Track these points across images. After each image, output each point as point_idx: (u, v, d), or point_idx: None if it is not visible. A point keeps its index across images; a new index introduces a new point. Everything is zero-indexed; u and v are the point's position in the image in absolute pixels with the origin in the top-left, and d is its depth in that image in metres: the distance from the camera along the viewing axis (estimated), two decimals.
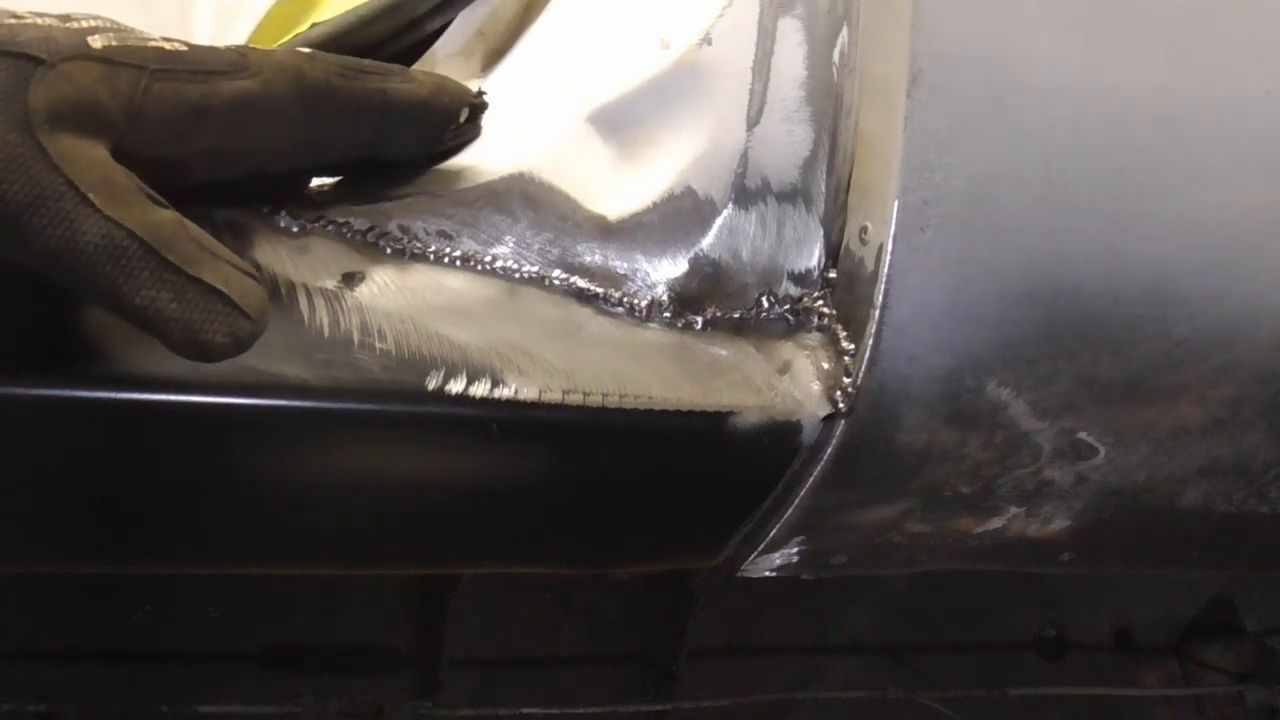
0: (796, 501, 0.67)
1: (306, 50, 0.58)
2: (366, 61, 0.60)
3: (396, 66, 0.62)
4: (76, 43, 0.48)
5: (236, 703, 1.11)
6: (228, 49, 0.54)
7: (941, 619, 1.34)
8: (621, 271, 0.66)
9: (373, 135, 0.61)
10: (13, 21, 0.47)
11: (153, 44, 0.50)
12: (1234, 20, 0.65)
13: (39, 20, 0.48)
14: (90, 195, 0.46)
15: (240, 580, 1.10)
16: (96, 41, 0.48)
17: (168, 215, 0.48)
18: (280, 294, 0.58)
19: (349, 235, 0.62)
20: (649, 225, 0.66)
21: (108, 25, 0.50)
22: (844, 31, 0.66)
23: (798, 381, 0.64)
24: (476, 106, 0.65)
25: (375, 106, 0.60)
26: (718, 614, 1.25)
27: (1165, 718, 1.40)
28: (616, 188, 0.66)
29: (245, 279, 0.50)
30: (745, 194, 0.65)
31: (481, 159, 0.66)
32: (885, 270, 0.61)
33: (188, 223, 0.49)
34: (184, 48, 0.52)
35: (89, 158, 0.47)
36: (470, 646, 1.18)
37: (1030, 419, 0.67)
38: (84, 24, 0.49)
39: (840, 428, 0.64)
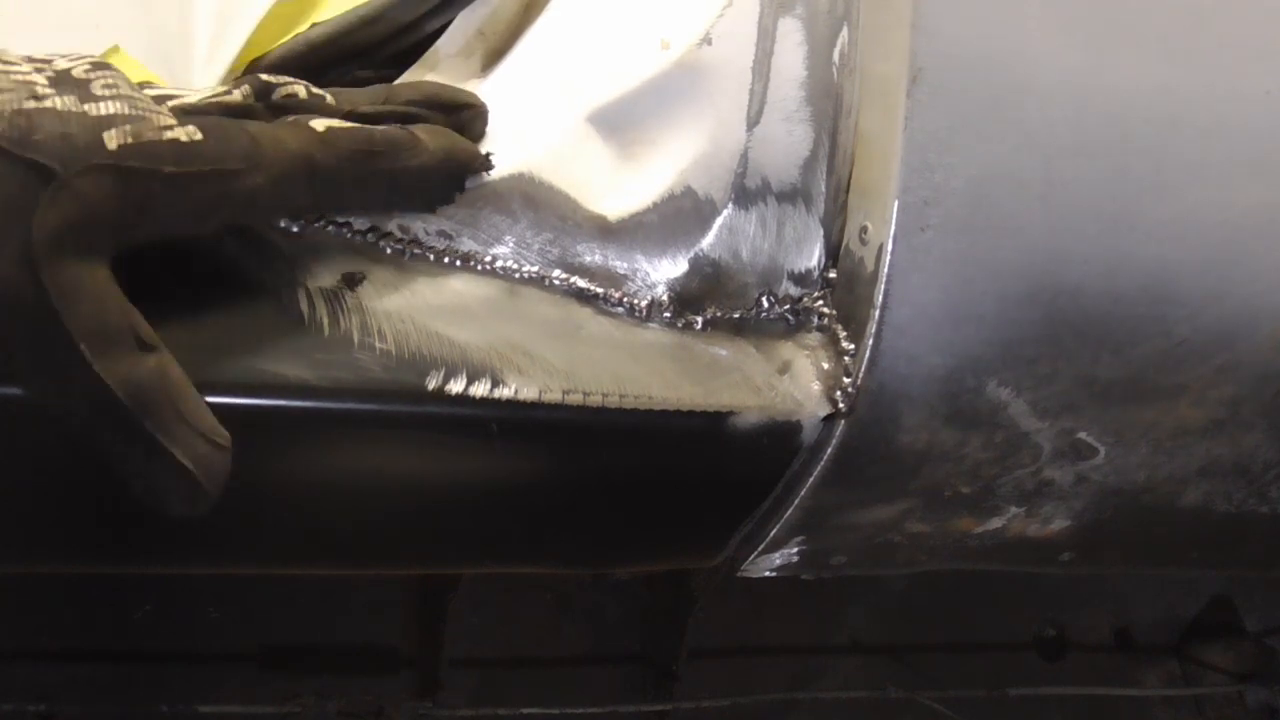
0: (796, 501, 0.67)
1: (322, 129, 0.56)
2: (379, 135, 0.58)
3: (407, 137, 0.60)
4: (92, 143, 0.47)
5: (236, 703, 1.11)
6: (240, 132, 0.53)
7: (941, 619, 1.34)
8: (621, 271, 0.66)
9: (375, 205, 0.62)
10: (31, 106, 0.46)
11: (168, 135, 0.49)
12: (1234, 20, 0.65)
13: (58, 105, 0.47)
14: (82, 346, 0.46)
15: (240, 580, 1.10)
16: (113, 140, 0.47)
17: (150, 368, 0.48)
18: (280, 294, 0.58)
19: (349, 235, 0.62)
20: (649, 225, 0.66)
21: (124, 112, 0.48)
22: (844, 31, 0.66)
23: (798, 381, 0.64)
24: (484, 169, 0.64)
25: (381, 184, 0.59)
26: (718, 614, 1.24)
27: (1165, 718, 1.40)
28: (616, 188, 0.66)
29: (212, 452, 0.50)
30: (745, 194, 0.66)
31: None
32: (885, 270, 0.61)
33: (170, 373, 0.49)
34: (199, 135, 0.50)
35: (89, 293, 0.46)
36: (470, 646, 1.18)
37: (1030, 419, 0.67)
38: (103, 109, 0.48)
39: (840, 428, 0.64)
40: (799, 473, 0.66)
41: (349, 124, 0.58)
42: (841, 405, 0.63)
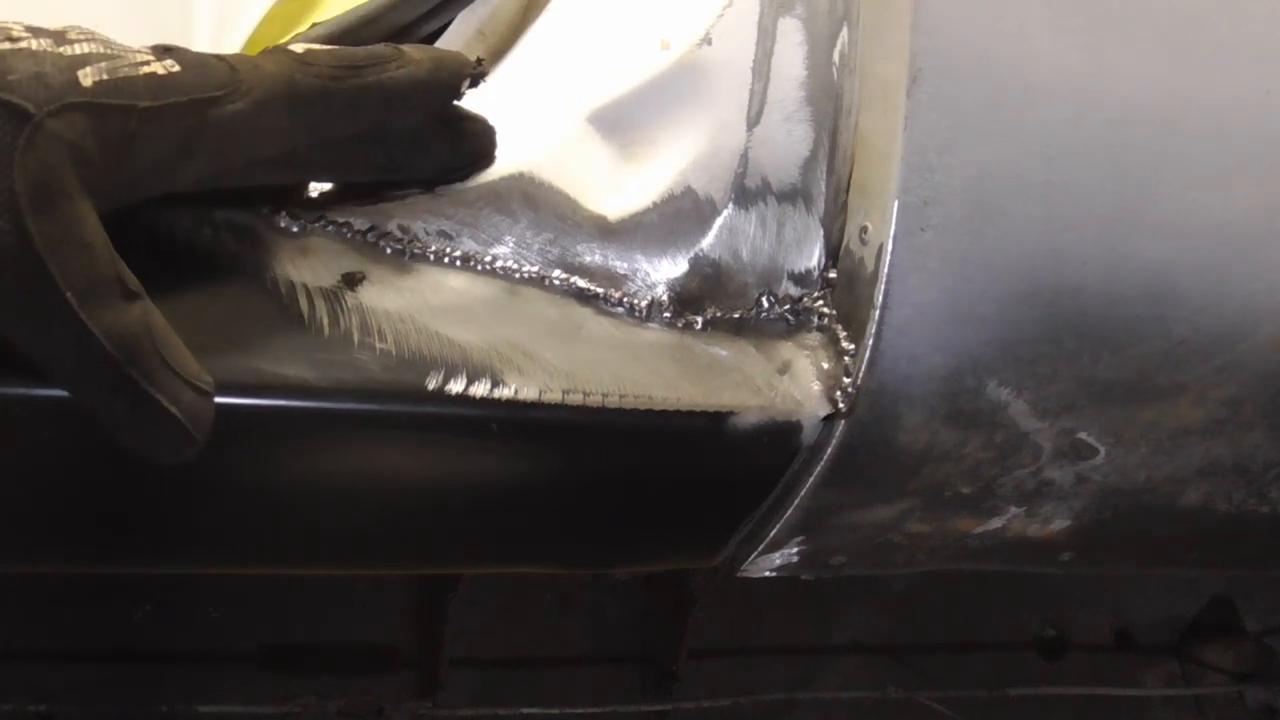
0: (796, 501, 0.67)
1: (300, 50, 0.56)
2: (360, 52, 0.58)
3: (391, 50, 0.60)
4: (67, 82, 0.46)
5: (236, 703, 1.11)
6: (219, 61, 0.53)
7: (941, 619, 1.34)
8: (621, 271, 0.66)
9: (374, 125, 0.60)
10: (6, 48, 0.46)
11: (144, 70, 0.49)
12: (1234, 20, 0.65)
13: (33, 45, 0.47)
14: (69, 295, 0.45)
15: (240, 580, 1.10)
16: (87, 78, 0.47)
17: (136, 316, 0.48)
18: (280, 294, 0.58)
19: (349, 235, 0.62)
20: (649, 225, 0.66)
21: (99, 50, 0.48)
22: (844, 31, 0.66)
23: (798, 381, 0.64)
24: (476, 75, 0.63)
25: (373, 101, 0.58)
26: (718, 614, 1.24)
27: (1165, 718, 1.40)
28: (616, 188, 0.66)
29: (197, 398, 0.50)
30: (745, 194, 0.66)
31: None
32: (885, 270, 0.61)
33: (154, 321, 0.49)
34: (176, 68, 0.50)
35: (75, 240, 0.46)
36: (470, 646, 1.18)
37: (1030, 419, 0.67)
38: (77, 49, 0.48)
39: (840, 428, 0.64)
40: (799, 473, 0.66)
41: (328, 46, 0.58)
42: (841, 405, 0.63)
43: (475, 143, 0.65)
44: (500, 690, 1.20)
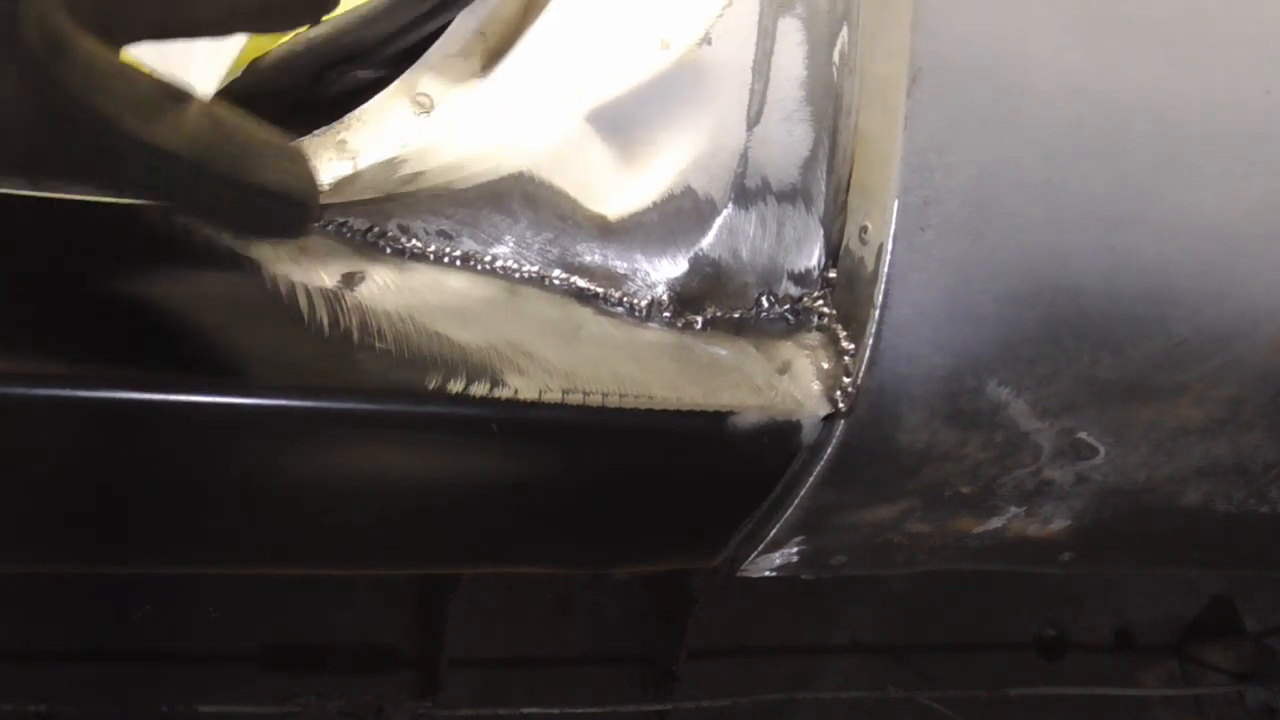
0: (796, 501, 0.67)
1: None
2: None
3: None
4: None
5: (236, 703, 1.11)
6: None
7: (941, 619, 1.34)
8: (621, 271, 0.66)
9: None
10: None
11: None
12: (1234, 20, 0.65)
13: None
14: (124, 120, 0.44)
15: (240, 580, 1.10)
16: None
17: (197, 114, 0.47)
18: (280, 294, 0.58)
19: (349, 235, 0.62)
20: (649, 225, 0.66)
21: None
22: (844, 31, 0.66)
23: (798, 381, 0.64)
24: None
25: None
26: (718, 614, 1.24)
27: (1165, 718, 1.40)
28: (616, 188, 0.66)
29: (292, 166, 0.49)
30: (745, 194, 0.66)
31: (481, 159, 0.66)
32: (885, 270, 0.61)
33: (215, 111, 0.48)
34: None
35: (108, 68, 0.45)
36: (470, 646, 1.18)
37: (1030, 419, 0.67)
38: None
39: (840, 428, 0.64)
40: (799, 473, 0.66)
41: None
42: (841, 405, 0.63)
43: None
44: (500, 690, 1.20)
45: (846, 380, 0.63)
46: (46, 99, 0.44)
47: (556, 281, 0.65)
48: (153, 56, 0.68)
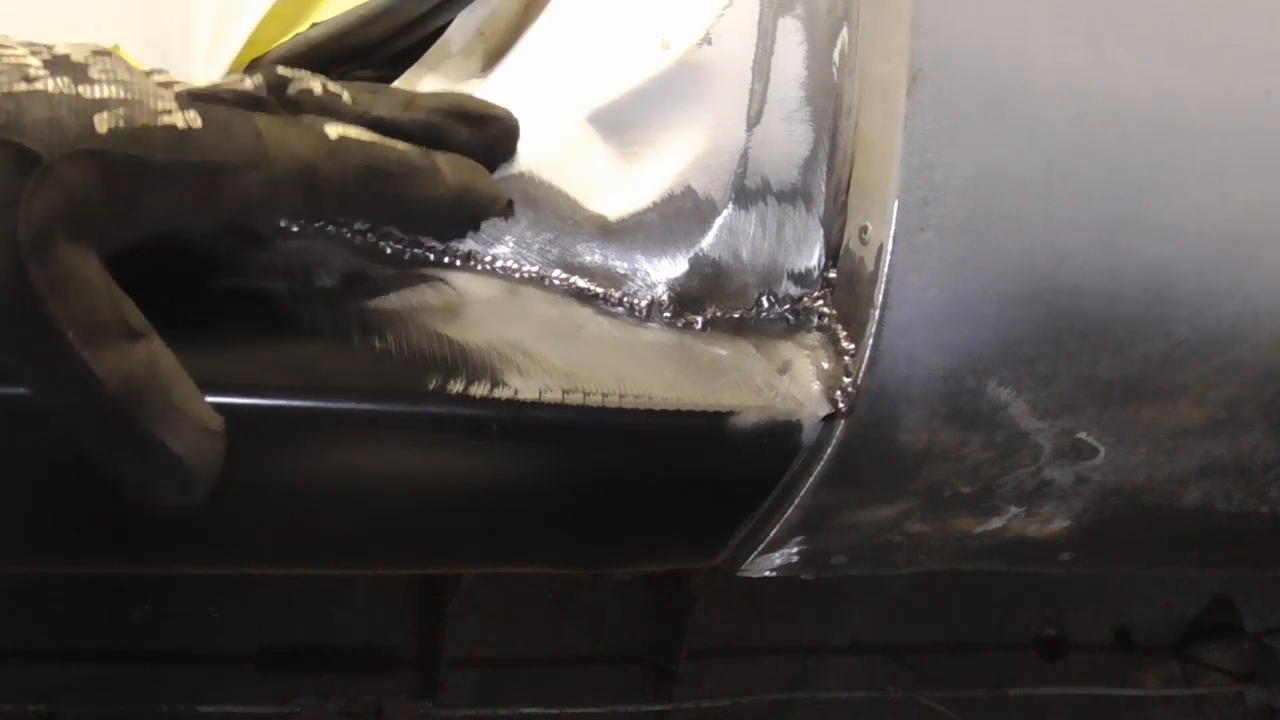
0: (796, 501, 0.67)
1: (335, 137, 0.53)
2: (394, 157, 0.56)
3: (426, 162, 0.57)
4: (82, 127, 0.45)
5: (236, 703, 1.11)
6: (245, 124, 0.51)
7: (941, 619, 1.34)
8: (621, 271, 0.66)
9: (381, 224, 0.59)
10: (22, 89, 0.45)
11: (164, 120, 0.48)
12: (1234, 20, 0.65)
13: (49, 87, 0.45)
14: (70, 335, 0.45)
15: (240, 580, 1.10)
16: (103, 124, 0.46)
17: (140, 358, 0.47)
18: (280, 294, 0.58)
19: (349, 235, 0.62)
20: (649, 225, 0.66)
21: (119, 95, 0.47)
22: (844, 31, 0.66)
23: (798, 381, 0.64)
24: (504, 213, 0.62)
25: (389, 211, 0.57)
26: (718, 614, 1.24)
27: (1165, 718, 1.40)
28: (616, 188, 0.66)
29: (206, 438, 0.49)
30: (745, 194, 0.66)
31: None
32: (885, 270, 0.61)
33: (161, 362, 0.48)
34: (198, 123, 0.49)
35: (77, 282, 0.45)
36: (470, 646, 1.18)
37: (1030, 419, 0.67)
38: (97, 92, 0.46)
39: (840, 428, 0.64)
40: (799, 473, 0.66)
41: (365, 135, 0.55)
42: (841, 405, 0.63)
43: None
44: (500, 690, 1.20)
45: (846, 380, 0.63)
46: (13, 289, 0.44)
47: (556, 281, 0.65)
48: (155, 59, 0.68)
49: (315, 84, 0.56)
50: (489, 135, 0.62)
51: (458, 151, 0.60)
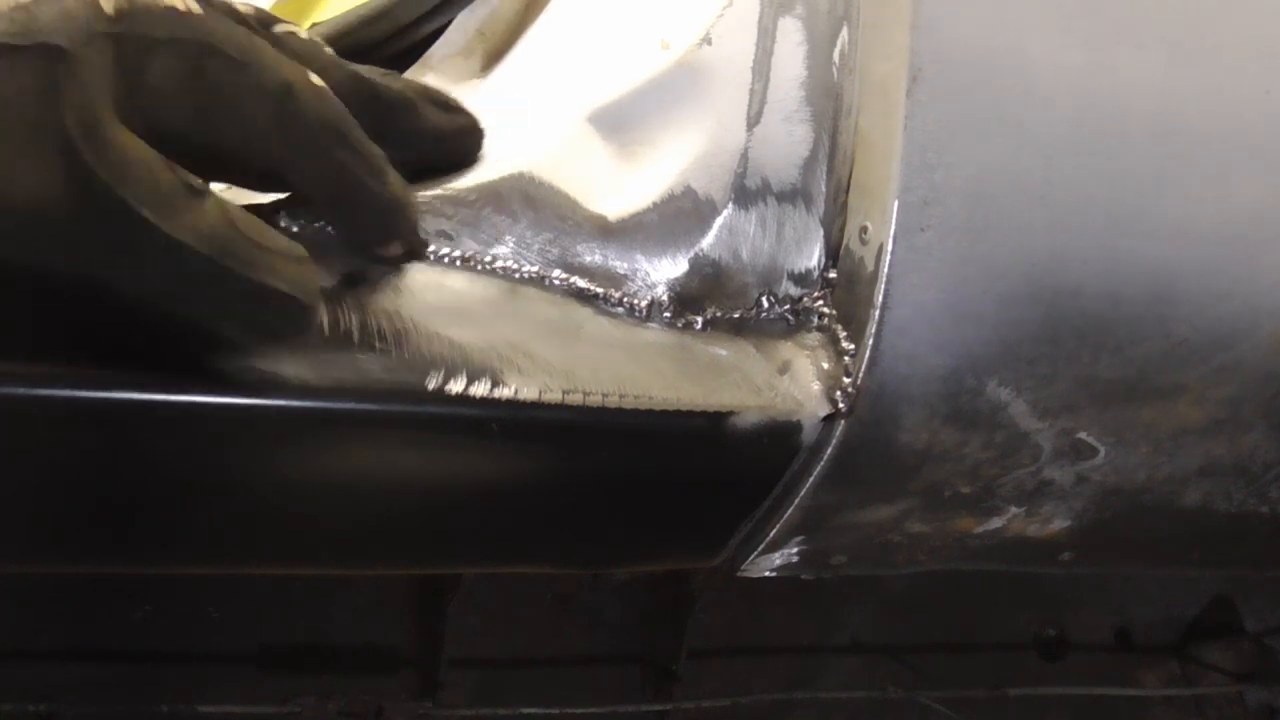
0: (796, 501, 0.67)
1: (314, 78, 0.55)
2: (361, 131, 0.57)
3: (381, 161, 0.58)
4: (93, 14, 0.46)
5: (236, 703, 1.11)
6: (239, 27, 0.52)
7: (941, 619, 1.34)
8: (621, 271, 0.66)
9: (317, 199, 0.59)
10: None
11: (165, 1, 0.49)
12: (1234, 20, 0.65)
13: None
14: (145, 213, 0.45)
15: (240, 580, 1.10)
16: (109, 5, 0.47)
17: (213, 210, 0.48)
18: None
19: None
20: (649, 225, 0.66)
21: None
22: (844, 31, 0.66)
23: (798, 381, 0.64)
24: (415, 250, 0.62)
25: (330, 178, 0.56)
26: (718, 614, 1.24)
27: (1165, 718, 1.40)
28: (616, 188, 0.66)
29: (301, 269, 0.50)
30: (745, 194, 0.66)
31: (481, 159, 0.66)
32: (885, 270, 0.61)
33: (230, 208, 0.49)
34: (197, 9, 0.50)
35: (134, 160, 0.46)
36: (470, 646, 1.18)
37: (1030, 419, 0.67)
38: None
39: (840, 428, 0.64)
40: (799, 473, 0.66)
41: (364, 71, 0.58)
42: (841, 405, 0.63)
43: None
44: (500, 690, 1.20)
45: (846, 380, 0.63)
46: (76, 186, 0.44)
47: (556, 282, 0.65)
48: None
49: (299, 30, 0.58)
50: (458, 124, 0.64)
51: (429, 133, 0.62)
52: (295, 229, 0.61)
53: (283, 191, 0.61)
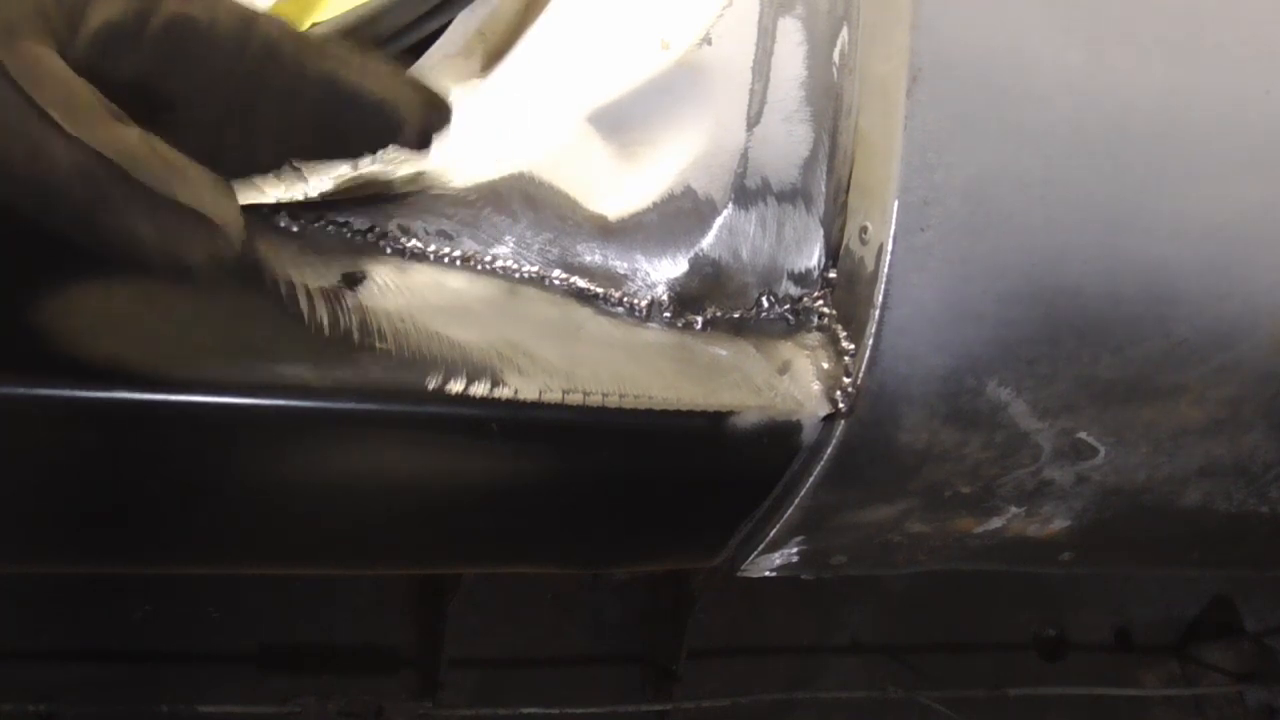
0: (796, 501, 0.67)
1: (305, 26, 0.55)
2: (332, 43, 0.56)
3: (367, 64, 0.57)
4: None
5: (236, 703, 1.11)
6: None
7: (941, 619, 1.34)
8: (621, 271, 0.66)
9: (312, 119, 0.56)
10: None
11: None
12: (1234, 20, 0.65)
13: None
14: (53, 113, 0.45)
15: (240, 580, 1.10)
16: None
17: (133, 132, 0.47)
18: (280, 294, 0.58)
19: (349, 235, 0.62)
20: (649, 225, 0.66)
21: None
22: (844, 31, 0.66)
23: (798, 381, 0.64)
24: (430, 127, 0.59)
25: (316, 84, 0.55)
26: (718, 614, 1.25)
27: (1165, 718, 1.40)
28: (616, 188, 0.66)
29: (219, 197, 0.48)
30: (745, 194, 0.65)
31: (481, 159, 0.66)
32: (885, 270, 0.61)
33: (154, 140, 0.48)
34: None
35: (48, 70, 0.46)
36: (470, 646, 1.18)
37: (1030, 419, 0.67)
38: None
39: (840, 428, 0.64)
40: (799, 473, 0.66)
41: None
42: (841, 405, 0.63)
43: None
44: (500, 690, 1.20)
45: (846, 380, 0.63)
46: None
47: (556, 281, 0.65)
48: None
49: None
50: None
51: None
52: (295, 229, 0.61)
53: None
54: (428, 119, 0.59)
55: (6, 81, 0.44)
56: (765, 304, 0.67)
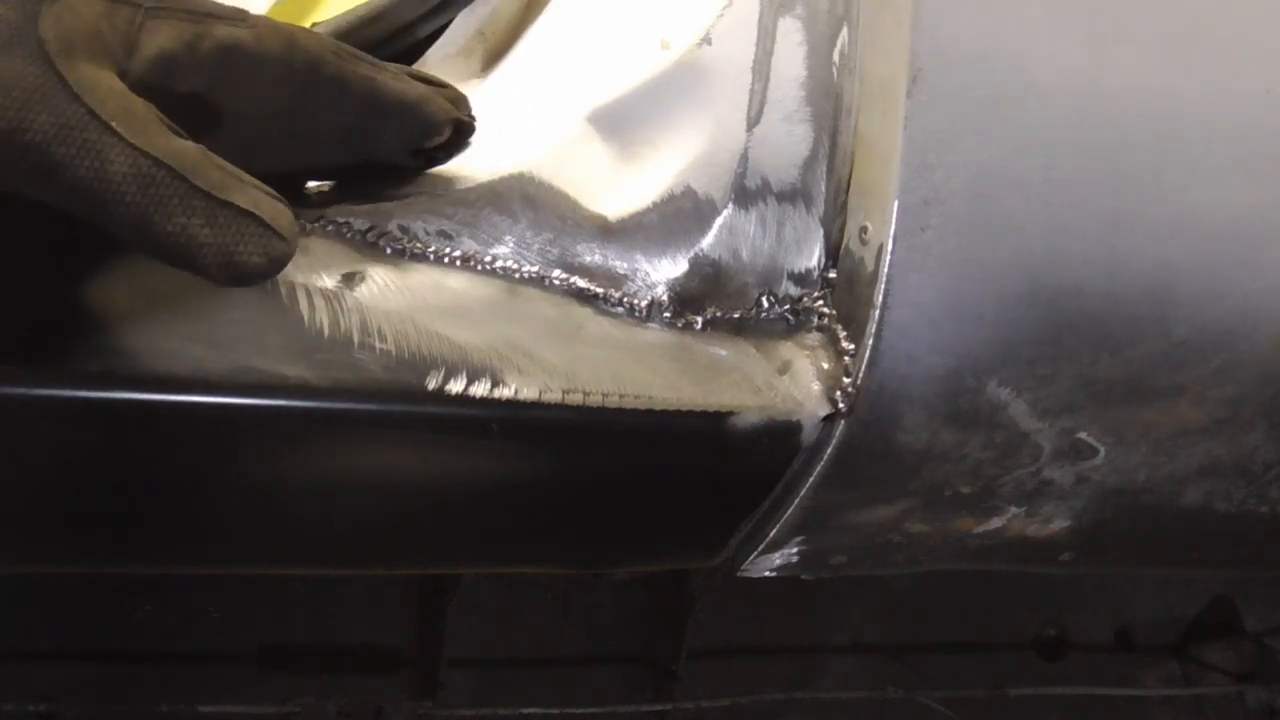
0: (796, 501, 0.67)
1: (305, 26, 0.57)
2: (362, 53, 0.60)
3: (394, 66, 0.62)
4: None
5: (236, 703, 1.11)
6: (226, 4, 0.55)
7: (941, 619, 1.34)
8: (621, 271, 0.66)
9: (356, 123, 0.61)
10: None
11: None
12: (1234, 20, 0.65)
13: None
14: (114, 124, 0.47)
15: (240, 580, 1.10)
16: None
17: (190, 144, 0.49)
18: (280, 294, 0.58)
19: (349, 235, 0.62)
20: (649, 225, 0.66)
21: None
22: (844, 31, 0.66)
23: (798, 381, 0.64)
24: (463, 127, 0.65)
25: (361, 93, 0.59)
26: (718, 614, 1.25)
27: (1165, 718, 1.40)
28: (616, 188, 0.66)
29: (274, 202, 0.51)
30: (745, 194, 0.66)
31: (481, 159, 0.66)
32: (885, 270, 0.61)
33: (209, 152, 0.50)
34: None
35: (107, 86, 0.48)
36: (470, 646, 1.19)
37: (1030, 419, 0.67)
38: None
39: (840, 428, 0.64)
40: (799, 473, 0.66)
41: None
42: (841, 405, 0.63)
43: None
44: (500, 690, 1.20)
45: (846, 380, 0.63)
46: (53, 88, 0.46)
47: (556, 282, 0.65)
48: None
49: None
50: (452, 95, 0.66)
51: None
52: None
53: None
54: (459, 116, 0.64)
55: (68, 93, 0.46)
56: (765, 304, 0.67)
